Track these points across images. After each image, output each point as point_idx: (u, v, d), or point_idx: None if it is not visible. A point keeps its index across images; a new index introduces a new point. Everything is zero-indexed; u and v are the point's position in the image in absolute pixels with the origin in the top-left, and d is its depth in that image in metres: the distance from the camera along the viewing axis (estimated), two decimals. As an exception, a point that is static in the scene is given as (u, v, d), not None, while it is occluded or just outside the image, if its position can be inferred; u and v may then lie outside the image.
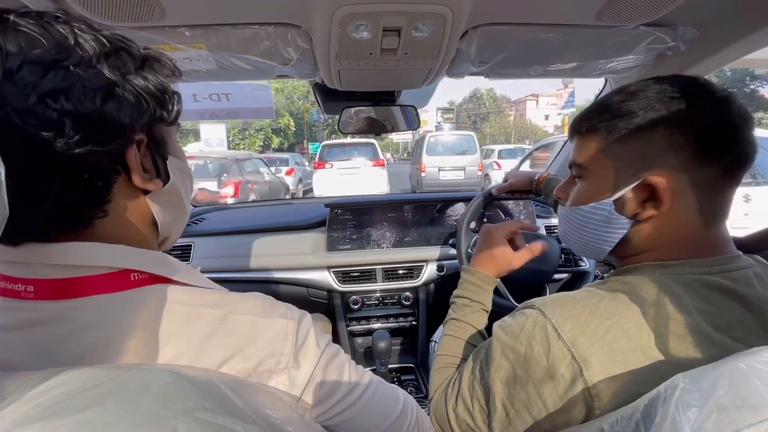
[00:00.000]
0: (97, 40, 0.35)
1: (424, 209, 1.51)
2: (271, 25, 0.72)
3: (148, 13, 0.64)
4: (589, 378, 0.41)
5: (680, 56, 0.85)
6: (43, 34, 0.32)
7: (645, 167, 0.47)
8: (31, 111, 0.31)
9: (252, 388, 0.33)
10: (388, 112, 1.30)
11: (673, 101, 0.46)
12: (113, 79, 0.35)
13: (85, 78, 0.33)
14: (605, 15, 0.71)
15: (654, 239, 0.49)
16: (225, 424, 0.25)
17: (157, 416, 0.23)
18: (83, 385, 0.24)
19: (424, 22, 0.67)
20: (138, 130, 0.38)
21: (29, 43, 0.32)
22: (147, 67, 0.39)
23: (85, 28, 0.35)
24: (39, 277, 0.34)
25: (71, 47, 0.33)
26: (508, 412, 0.47)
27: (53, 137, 0.32)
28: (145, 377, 0.26)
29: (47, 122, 0.32)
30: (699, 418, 0.29)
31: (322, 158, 8.45)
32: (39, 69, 0.31)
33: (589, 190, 0.53)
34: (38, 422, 0.21)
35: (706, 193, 0.46)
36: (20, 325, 0.34)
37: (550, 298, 0.48)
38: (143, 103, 0.38)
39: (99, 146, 0.34)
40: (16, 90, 0.31)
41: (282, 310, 0.42)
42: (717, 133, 0.45)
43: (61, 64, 0.32)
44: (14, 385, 0.25)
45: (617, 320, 0.42)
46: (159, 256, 0.40)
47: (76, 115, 0.33)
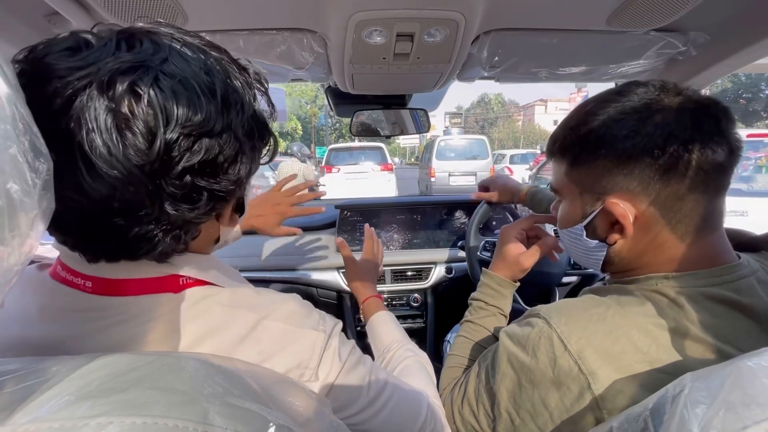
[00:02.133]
0: (232, 95, 0.35)
1: (433, 211, 1.52)
2: (288, 30, 0.74)
3: (172, 19, 0.66)
4: (597, 391, 0.40)
5: (691, 61, 0.85)
6: (197, 96, 0.32)
7: (605, 192, 0.47)
8: (176, 182, 0.32)
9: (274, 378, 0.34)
10: (398, 116, 1.32)
11: (620, 123, 0.45)
12: (241, 140, 0.36)
13: (222, 146, 0.34)
14: (616, 20, 0.72)
15: (638, 258, 0.48)
16: (252, 409, 0.26)
17: (190, 399, 0.24)
18: (122, 369, 0.26)
19: (437, 27, 0.68)
20: (247, 183, 0.40)
21: (185, 110, 0.31)
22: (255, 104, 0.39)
23: (220, 78, 0.35)
24: (100, 275, 0.37)
25: (217, 115, 0.33)
26: (513, 420, 0.47)
27: (189, 209, 0.34)
28: (176, 363, 0.28)
29: (186, 196, 0.33)
30: (707, 414, 0.29)
31: (329, 162, 8.43)
32: (190, 141, 0.32)
33: (565, 213, 0.54)
34: (87, 400, 0.22)
35: (677, 208, 0.44)
36: (75, 308, 0.36)
37: (555, 307, 0.48)
38: (255, 157, 0.39)
39: (219, 208, 0.37)
40: (168, 160, 0.31)
41: (315, 320, 0.42)
42: (668, 148, 0.43)
43: (209, 133, 0.33)
44: (56, 367, 0.26)
45: (625, 331, 0.42)
46: (211, 262, 0.43)
47: (214, 188, 0.35)
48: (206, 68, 0.34)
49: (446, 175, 9.09)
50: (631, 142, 0.44)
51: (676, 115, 0.44)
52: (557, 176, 0.53)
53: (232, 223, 0.44)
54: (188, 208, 0.34)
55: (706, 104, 0.44)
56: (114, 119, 0.29)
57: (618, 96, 0.47)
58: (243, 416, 0.25)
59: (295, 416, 0.30)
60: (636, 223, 0.46)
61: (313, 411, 0.32)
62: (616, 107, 0.46)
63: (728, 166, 0.44)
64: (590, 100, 0.50)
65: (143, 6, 0.63)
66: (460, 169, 9.16)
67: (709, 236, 0.46)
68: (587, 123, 0.48)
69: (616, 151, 0.45)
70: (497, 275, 0.73)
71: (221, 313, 0.38)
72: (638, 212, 0.45)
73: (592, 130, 0.47)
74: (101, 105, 0.29)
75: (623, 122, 0.45)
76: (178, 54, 0.33)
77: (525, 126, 40.12)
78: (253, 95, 0.39)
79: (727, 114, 0.44)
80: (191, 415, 0.23)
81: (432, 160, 9.24)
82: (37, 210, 0.24)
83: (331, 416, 0.34)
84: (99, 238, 0.34)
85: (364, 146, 8.66)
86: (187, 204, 0.34)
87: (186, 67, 0.33)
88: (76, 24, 0.62)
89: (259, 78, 0.41)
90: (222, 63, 0.37)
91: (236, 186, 0.37)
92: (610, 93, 0.48)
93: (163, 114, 0.30)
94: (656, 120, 0.44)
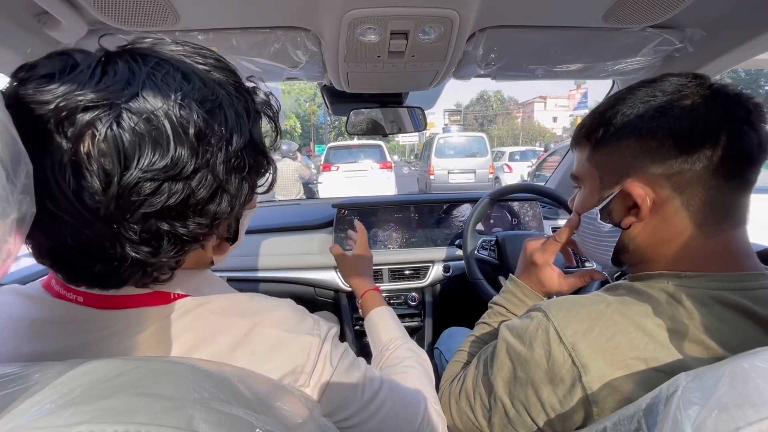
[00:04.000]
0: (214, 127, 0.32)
1: (431, 210, 1.51)
2: (282, 29, 0.74)
3: (163, 18, 0.66)
4: (588, 384, 0.40)
5: (688, 58, 0.85)
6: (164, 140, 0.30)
7: (625, 174, 0.47)
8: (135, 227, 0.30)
9: (264, 382, 0.34)
10: (395, 114, 1.31)
11: (647, 105, 0.45)
12: (222, 177, 0.33)
13: (195, 190, 0.32)
14: (612, 17, 0.72)
15: (652, 247, 0.48)
16: (239, 414, 0.26)
17: (175, 405, 0.24)
18: (106, 375, 0.25)
19: (432, 25, 0.68)
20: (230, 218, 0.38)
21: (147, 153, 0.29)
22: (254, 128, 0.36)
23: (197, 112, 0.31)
24: (91, 291, 0.36)
25: (187, 157, 0.31)
26: (507, 411, 0.48)
27: (149, 254, 0.32)
28: (163, 368, 0.27)
29: (147, 240, 0.31)
30: (700, 415, 0.29)
31: (328, 160, 8.38)
32: (152, 186, 0.30)
33: (582, 199, 0.54)
34: (69, 408, 0.22)
35: (698, 194, 0.44)
36: (67, 321, 0.36)
37: (556, 301, 0.48)
38: (242, 191, 0.36)
39: (190, 248, 0.35)
40: (127, 205, 0.30)
41: (309, 325, 0.41)
42: (695, 131, 0.43)
43: (175, 178, 0.30)
44: (39, 374, 0.26)
45: (623, 328, 0.41)
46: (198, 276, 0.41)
47: (179, 233, 0.32)
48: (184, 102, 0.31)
49: (445, 172, 9.08)
50: (657, 122, 0.44)
51: (706, 101, 0.43)
52: (579, 163, 0.53)
53: (220, 252, 0.42)
54: (149, 252, 0.32)
55: (738, 94, 0.44)
56: (69, 159, 0.28)
57: (650, 82, 0.47)
58: (229, 422, 0.25)
59: (283, 421, 0.30)
60: (653, 208, 0.45)
61: (303, 415, 0.32)
62: (646, 91, 0.46)
63: (756, 158, 0.43)
64: (621, 90, 0.50)
65: (134, 5, 0.62)
66: (460, 166, 9.15)
67: (730, 231, 0.44)
68: (614, 106, 0.48)
69: (641, 131, 0.45)
70: (526, 285, 0.68)
71: (214, 321, 0.38)
72: (656, 196, 0.45)
73: (619, 112, 0.47)
74: (60, 143, 0.28)
75: (651, 103, 0.45)
76: (155, 84, 0.31)
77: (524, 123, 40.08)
78: (254, 120, 0.37)
79: (759, 107, 0.44)
80: (176, 421, 0.23)
81: (431, 158, 9.23)
82: (16, 214, 0.23)
83: (321, 420, 0.34)
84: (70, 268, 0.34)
85: (363, 144, 8.64)
86: (148, 248, 0.32)
87: (158, 103, 0.30)
88: (66, 24, 0.62)
89: (267, 101, 0.39)
90: (217, 89, 0.34)
91: (210, 227, 0.35)
92: (641, 81, 0.48)
93: (120, 156, 0.29)
94: (685, 104, 0.44)
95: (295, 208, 1.80)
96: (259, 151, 0.37)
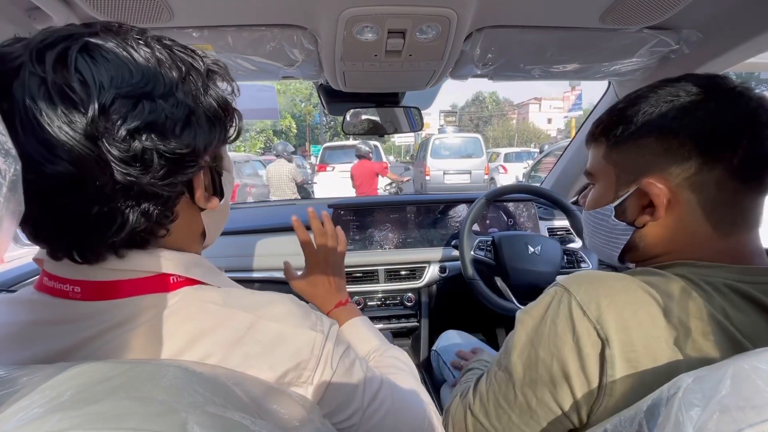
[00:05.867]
0: (174, 63, 0.36)
1: (427, 210, 1.51)
2: (278, 27, 0.73)
3: (157, 15, 0.65)
4: (610, 357, 0.39)
5: (684, 59, 0.85)
6: (129, 60, 0.33)
7: (642, 173, 0.47)
8: (121, 146, 0.32)
9: (260, 385, 0.33)
10: (392, 114, 1.31)
11: (670, 104, 0.45)
12: (190, 105, 0.36)
13: (167, 109, 0.34)
14: (609, 18, 0.72)
15: (662, 245, 0.48)
16: (234, 418, 0.25)
17: (168, 408, 0.23)
18: (96, 378, 0.24)
19: (429, 24, 0.68)
20: (207, 154, 0.39)
21: (119, 73, 0.32)
22: (211, 84, 0.39)
23: (160, 48, 0.35)
24: (87, 278, 0.36)
25: (156, 76, 0.34)
26: (529, 401, 0.45)
27: (141, 173, 0.33)
28: (155, 371, 0.27)
29: (135, 158, 0.33)
30: (701, 417, 0.29)
31: (324, 161, 8.39)
32: (129, 103, 0.32)
33: (596, 196, 0.53)
34: (56, 413, 0.21)
35: (713, 197, 0.44)
36: (65, 319, 0.35)
37: (574, 276, 0.47)
38: (213, 127, 0.38)
39: (178, 177, 0.36)
40: (109, 124, 0.31)
41: (312, 321, 0.41)
42: (716, 133, 0.43)
43: (149, 95, 0.33)
44: (27, 377, 0.25)
45: (646, 306, 0.41)
46: (197, 260, 0.41)
47: (162, 150, 0.34)
48: (144, 41, 0.35)
49: (441, 173, 9.09)
50: (679, 122, 0.44)
51: (731, 103, 0.43)
52: (594, 160, 0.53)
53: (211, 204, 0.42)
54: (139, 171, 0.33)
55: (762, 98, 0.44)
56: (47, 90, 0.30)
57: (673, 81, 0.46)
58: (224, 426, 0.24)
59: (280, 424, 0.29)
60: (669, 207, 0.45)
61: (300, 418, 0.31)
62: (670, 90, 0.46)
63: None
64: (641, 88, 0.49)
65: (126, 0, 0.61)
66: (455, 167, 9.16)
67: (744, 233, 0.45)
68: (635, 104, 0.47)
69: (661, 130, 0.45)
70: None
71: (216, 313, 0.37)
72: (673, 196, 0.45)
73: (641, 110, 0.46)
74: (34, 79, 0.30)
75: (674, 103, 0.45)
76: (111, 31, 0.34)
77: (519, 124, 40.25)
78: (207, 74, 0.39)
79: None
80: (168, 426, 0.22)
81: (427, 158, 9.24)
82: (4, 212, 0.22)
83: (319, 421, 0.33)
84: (63, 224, 0.33)
85: (358, 145, 8.63)
86: (138, 167, 0.33)
87: (118, 40, 0.33)
88: (56, 19, 0.61)
89: (216, 62, 0.40)
90: (164, 42, 0.37)
91: (193, 152, 0.36)
92: (664, 80, 0.48)
93: (94, 78, 0.31)
94: (709, 105, 0.43)
95: (291, 208, 1.79)
96: (219, 96, 0.39)
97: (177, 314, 0.36)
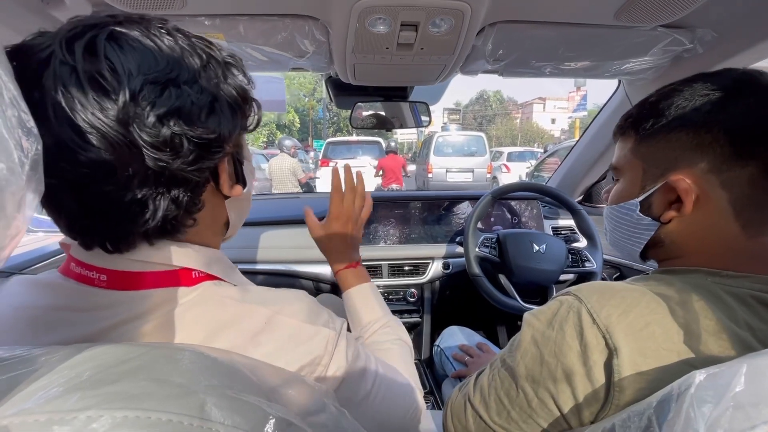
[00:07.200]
0: (194, 51, 0.36)
1: (432, 207, 1.51)
2: (290, 17, 0.73)
3: (170, 2, 0.64)
4: (618, 367, 0.39)
5: (697, 59, 0.84)
6: (154, 48, 0.34)
7: (671, 168, 0.46)
8: (151, 131, 0.32)
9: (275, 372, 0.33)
10: (398, 109, 1.30)
11: (705, 98, 0.44)
12: (213, 92, 0.36)
13: (193, 95, 0.34)
14: (624, 15, 0.71)
15: (688, 243, 0.47)
16: (251, 401, 0.25)
17: (186, 391, 0.23)
18: (114, 360, 0.24)
19: (443, 17, 0.67)
20: (230, 140, 0.39)
21: (145, 61, 0.33)
22: (229, 74, 0.39)
23: (181, 37, 0.36)
24: (114, 268, 0.36)
25: (180, 63, 0.34)
26: (530, 401, 0.45)
27: (171, 158, 0.34)
28: (173, 354, 0.27)
29: (166, 143, 0.33)
30: (714, 413, 0.29)
31: (326, 156, 8.36)
32: (157, 89, 0.33)
33: (621, 190, 0.52)
34: (75, 392, 0.21)
35: (744, 196, 0.43)
36: (88, 307, 0.36)
37: (586, 286, 0.46)
38: (235, 114, 0.39)
39: (205, 162, 0.37)
40: (139, 110, 0.32)
41: (325, 318, 0.42)
42: (750, 130, 0.42)
43: (175, 81, 0.34)
44: (45, 357, 0.25)
45: (659, 318, 0.40)
46: (218, 257, 0.42)
47: (191, 135, 0.34)
48: (166, 30, 0.35)
49: (443, 171, 9.05)
50: (714, 117, 0.43)
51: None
52: (621, 153, 0.52)
53: (235, 192, 0.43)
54: (170, 157, 0.33)
55: None
56: (78, 78, 0.30)
57: (709, 76, 0.45)
58: (241, 409, 0.24)
59: (296, 409, 0.29)
60: (697, 204, 0.44)
61: (316, 403, 0.31)
62: (705, 84, 0.44)
63: None
64: (675, 82, 0.48)
65: (140, -13, 0.61)
66: (458, 165, 9.12)
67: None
68: (669, 97, 0.46)
69: (694, 124, 0.44)
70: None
71: (234, 307, 0.38)
72: (701, 192, 0.44)
73: (674, 103, 0.45)
74: (65, 68, 0.31)
75: (710, 97, 0.43)
76: (133, 21, 0.35)
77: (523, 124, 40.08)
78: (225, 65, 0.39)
79: None
80: (186, 408, 0.22)
81: (430, 156, 9.20)
82: (25, 191, 0.22)
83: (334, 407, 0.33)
84: (96, 212, 0.33)
85: (361, 140, 8.60)
86: (169, 152, 0.33)
87: (142, 28, 0.34)
88: (70, 3, 0.60)
89: (231, 54, 0.41)
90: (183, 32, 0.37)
91: (218, 138, 0.37)
92: (700, 73, 0.46)
93: (123, 66, 0.31)
94: (748, 101, 0.42)
95: (294, 201, 1.78)
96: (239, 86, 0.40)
97: (196, 308, 0.37)
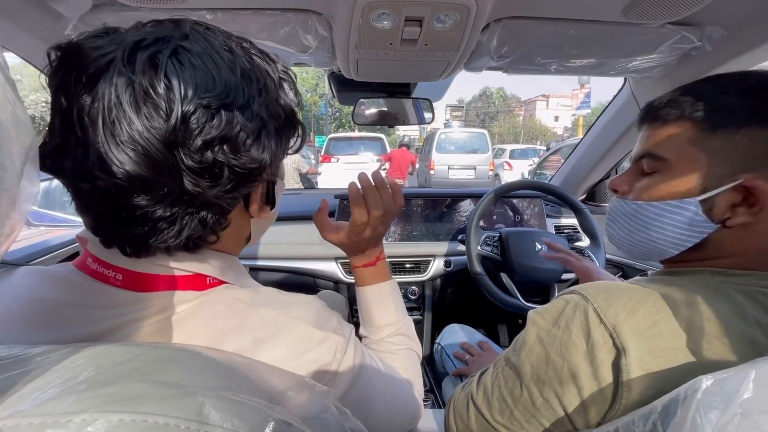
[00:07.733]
0: (253, 71, 0.35)
1: (434, 204, 1.50)
2: (293, 11, 0.72)
3: (171, -5, 0.64)
4: (626, 367, 0.38)
5: (705, 57, 0.83)
6: (214, 68, 0.33)
7: (747, 168, 0.41)
8: (194, 155, 0.32)
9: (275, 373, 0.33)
10: (401, 106, 1.29)
11: None
12: (263, 118, 0.36)
13: (242, 122, 0.34)
14: (632, 12, 0.70)
15: (736, 247, 0.44)
16: (251, 403, 0.25)
17: (184, 392, 0.23)
18: (112, 360, 0.24)
19: (447, 12, 0.66)
20: (271, 167, 0.39)
21: (203, 81, 0.32)
22: (281, 93, 0.38)
23: (243, 55, 0.35)
24: (131, 268, 0.36)
25: (237, 87, 0.33)
26: (534, 400, 0.45)
27: (209, 185, 0.33)
28: (170, 355, 0.26)
29: (206, 170, 0.33)
30: (721, 420, 0.28)
31: (329, 152, 8.35)
32: (209, 113, 0.32)
33: (668, 185, 0.46)
34: (72, 394, 0.21)
35: None
36: (100, 305, 0.35)
37: (592, 285, 0.45)
38: (280, 140, 0.38)
39: (242, 191, 0.36)
40: (188, 133, 0.31)
41: (334, 324, 0.42)
42: None
43: (229, 107, 0.33)
44: (42, 357, 0.25)
45: (666, 317, 0.39)
46: (233, 263, 0.42)
47: (234, 163, 0.34)
48: (228, 47, 0.35)
49: (445, 168, 9.01)
50: None
51: None
52: (670, 143, 0.46)
53: (263, 215, 0.42)
54: (209, 184, 0.33)
55: None
56: (133, 92, 0.30)
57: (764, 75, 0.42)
58: (241, 411, 0.24)
59: (297, 411, 0.29)
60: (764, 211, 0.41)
61: (318, 405, 0.31)
62: None
63: None
64: (725, 74, 0.44)
65: (141, -21, 0.60)
66: (460, 162, 9.08)
67: None
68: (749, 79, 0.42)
69: None
70: None
71: (244, 311, 0.38)
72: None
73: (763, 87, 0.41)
74: (122, 79, 0.30)
75: None
76: (199, 34, 0.34)
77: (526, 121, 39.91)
78: (279, 83, 0.38)
79: None
80: (184, 411, 0.22)
81: (432, 153, 9.16)
82: (20, 188, 0.22)
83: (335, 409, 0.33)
84: (124, 221, 0.33)
85: (363, 136, 8.58)
86: (208, 179, 0.33)
87: (206, 45, 0.33)
88: None
89: (286, 70, 0.40)
90: (244, 46, 0.37)
91: (260, 167, 0.36)
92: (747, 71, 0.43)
93: (180, 86, 0.31)
94: None
95: (296, 197, 1.78)
96: (288, 108, 0.39)
97: (206, 310, 0.37)
